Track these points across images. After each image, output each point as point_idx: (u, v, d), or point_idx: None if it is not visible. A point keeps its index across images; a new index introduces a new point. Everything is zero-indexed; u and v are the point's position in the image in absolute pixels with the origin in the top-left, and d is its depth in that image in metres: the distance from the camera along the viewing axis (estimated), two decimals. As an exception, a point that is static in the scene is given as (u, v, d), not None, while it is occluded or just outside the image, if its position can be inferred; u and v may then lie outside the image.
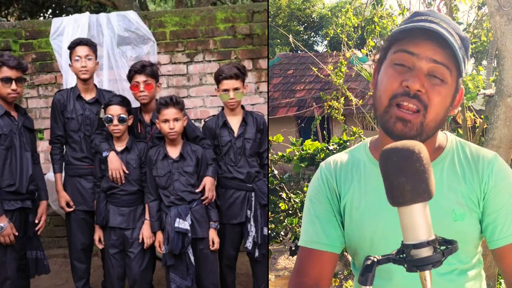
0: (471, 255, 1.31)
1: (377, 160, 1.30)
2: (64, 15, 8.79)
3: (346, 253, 3.32)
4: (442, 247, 0.93)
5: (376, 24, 4.30)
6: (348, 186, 1.35)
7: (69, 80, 3.94)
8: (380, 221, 1.26)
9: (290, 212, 3.96)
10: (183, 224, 2.92)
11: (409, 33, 1.19)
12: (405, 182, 0.90)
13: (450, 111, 1.24)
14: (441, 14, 1.26)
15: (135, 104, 3.27)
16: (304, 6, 19.64)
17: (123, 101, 3.11)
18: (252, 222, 3.12)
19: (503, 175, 1.26)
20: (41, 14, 9.83)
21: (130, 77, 3.20)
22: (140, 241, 3.06)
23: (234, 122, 3.17)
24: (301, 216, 3.90)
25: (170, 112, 2.93)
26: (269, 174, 3.75)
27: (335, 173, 1.38)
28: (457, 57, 1.17)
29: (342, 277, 4.47)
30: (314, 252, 1.36)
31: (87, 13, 4.32)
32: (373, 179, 1.30)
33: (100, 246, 3.19)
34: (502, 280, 3.38)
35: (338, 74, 5.02)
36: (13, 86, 2.94)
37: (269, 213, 3.79)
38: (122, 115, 3.05)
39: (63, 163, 3.36)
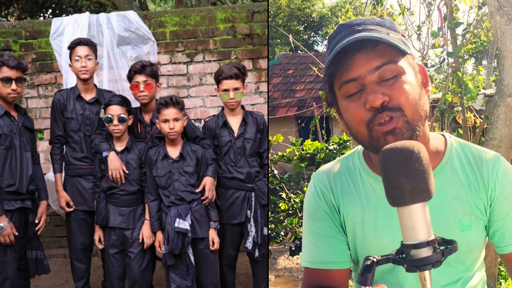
0: (476, 261, 1.29)
1: (372, 171, 1.28)
2: (64, 15, 8.79)
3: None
4: (442, 247, 0.92)
5: (376, 24, 4.29)
6: (347, 200, 1.29)
7: (69, 80, 3.94)
8: (385, 236, 1.23)
9: (290, 212, 3.96)
10: (183, 224, 2.92)
11: (335, 63, 1.13)
12: (404, 182, 0.90)
13: (426, 92, 1.18)
14: (349, 21, 1.20)
15: (135, 104, 3.27)
16: (304, 6, 19.65)
17: (123, 101, 3.11)
18: (252, 222, 3.12)
19: (509, 180, 1.22)
20: (41, 14, 9.83)
21: (130, 77, 3.20)
22: (140, 241, 3.06)
23: (234, 122, 3.17)
24: (301, 216, 3.91)
25: (170, 112, 2.93)
26: (269, 174, 3.75)
27: (330, 185, 1.31)
28: (391, 44, 1.11)
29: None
30: (321, 272, 1.29)
31: (87, 13, 4.32)
32: (373, 192, 1.26)
33: (100, 246, 3.19)
34: (502, 281, 3.39)
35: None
36: (13, 86, 2.94)
37: (269, 213, 3.79)
38: (122, 115, 3.05)
39: (63, 163, 3.36)
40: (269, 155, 3.78)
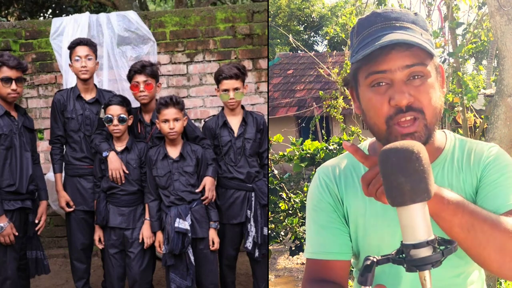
0: None
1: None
2: (64, 15, 8.79)
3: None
4: (442, 247, 0.92)
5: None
6: (350, 192, 1.31)
7: (69, 80, 3.94)
8: (387, 228, 1.24)
9: (290, 212, 3.96)
10: (183, 224, 2.92)
11: (369, 57, 1.15)
12: (404, 182, 0.90)
13: (442, 93, 1.21)
14: (385, 11, 1.20)
15: (135, 104, 3.27)
16: (304, 6, 19.65)
17: (123, 101, 3.11)
18: (252, 222, 3.12)
19: (496, 155, 1.25)
20: (41, 14, 9.83)
21: (130, 77, 3.20)
22: (140, 241, 3.06)
23: (234, 122, 3.17)
24: (301, 216, 3.91)
25: (170, 112, 2.93)
26: (269, 174, 3.75)
27: (334, 178, 1.34)
28: (423, 47, 1.13)
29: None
30: (324, 263, 1.31)
31: (87, 13, 4.32)
32: None
33: (100, 246, 3.19)
34: (502, 280, 3.38)
35: (343, 74, 5.01)
36: (13, 86, 2.94)
37: (269, 213, 3.78)
38: (122, 115, 3.05)
39: (63, 163, 3.36)
40: (269, 155, 3.78)
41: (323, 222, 1.32)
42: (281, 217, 3.97)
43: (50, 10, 9.82)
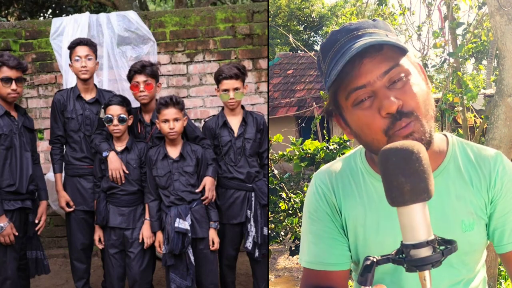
0: (478, 262, 1.28)
1: (375, 171, 1.26)
2: (64, 15, 8.79)
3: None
4: (442, 247, 0.92)
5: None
6: (348, 201, 1.27)
7: (69, 80, 3.94)
8: (387, 238, 1.21)
9: (290, 212, 3.96)
10: (183, 224, 2.92)
11: (341, 76, 1.10)
12: (404, 182, 0.90)
13: (428, 88, 1.17)
14: (343, 26, 1.17)
15: (135, 104, 3.27)
16: (303, 6, 19.65)
17: (123, 101, 3.11)
18: (252, 222, 3.12)
19: (509, 177, 1.22)
20: (41, 14, 9.83)
21: (130, 77, 3.20)
22: (140, 241, 3.06)
23: (234, 122, 3.17)
24: (301, 216, 3.90)
25: (170, 112, 2.93)
26: (269, 174, 3.75)
27: (332, 186, 1.30)
28: (395, 45, 1.10)
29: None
30: (320, 273, 1.28)
31: (87, 13, 4.32)
32: (375, 193, 1.25)
33: (100, 246, 3.19)
34: (502, 281, 3.39)
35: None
36: (13, 86, 2.94)
37: (269, 213, 3.79)
38: (122, 115, 3.05)
39: (63, 163, 3.36)
40: (269, 155, 3.78)
41: (319, 232, 1.29)
42: (281, 217, 3.97)
43: (50, 10, 9.82)
